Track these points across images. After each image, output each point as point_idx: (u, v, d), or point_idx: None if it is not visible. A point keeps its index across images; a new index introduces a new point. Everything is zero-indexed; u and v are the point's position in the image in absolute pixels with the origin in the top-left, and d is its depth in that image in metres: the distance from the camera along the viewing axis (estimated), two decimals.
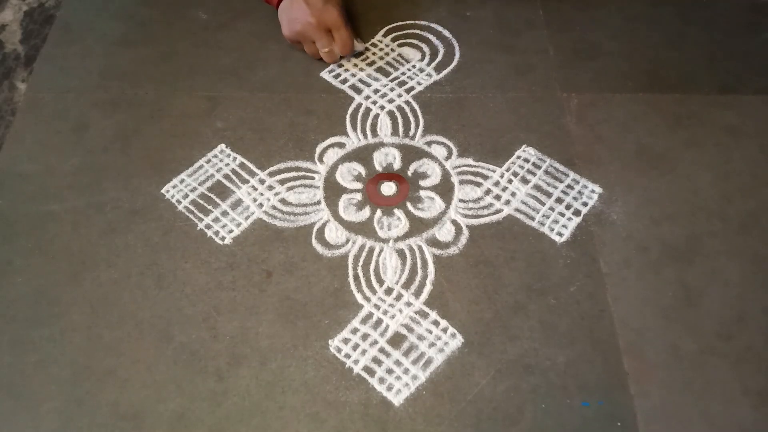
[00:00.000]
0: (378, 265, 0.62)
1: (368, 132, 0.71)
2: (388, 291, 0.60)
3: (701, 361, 0.56)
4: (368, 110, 0.73)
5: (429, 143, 0.70)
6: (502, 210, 0.65)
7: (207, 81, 0.76)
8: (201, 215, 0.65)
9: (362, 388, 0.55)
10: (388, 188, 0.67)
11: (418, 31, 0.81)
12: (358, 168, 0.69)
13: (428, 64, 0.78)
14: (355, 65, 0.77)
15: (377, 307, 0.59)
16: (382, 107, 0.73)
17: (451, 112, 0.73)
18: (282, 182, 0.67)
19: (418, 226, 0.64)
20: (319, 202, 0.66)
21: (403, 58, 0.78)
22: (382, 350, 0.57)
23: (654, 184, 0.68)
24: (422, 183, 0.67)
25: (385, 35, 0.80)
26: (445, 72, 0.77)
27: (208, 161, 0.69)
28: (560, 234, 0.64)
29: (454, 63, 0.78)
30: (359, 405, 0.54)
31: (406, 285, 0.60)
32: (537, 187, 0.67)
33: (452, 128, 0.72)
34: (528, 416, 0.53)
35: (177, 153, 0.69)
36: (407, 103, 0.74)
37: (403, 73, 0.77)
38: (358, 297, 0.60)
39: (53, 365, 0.55)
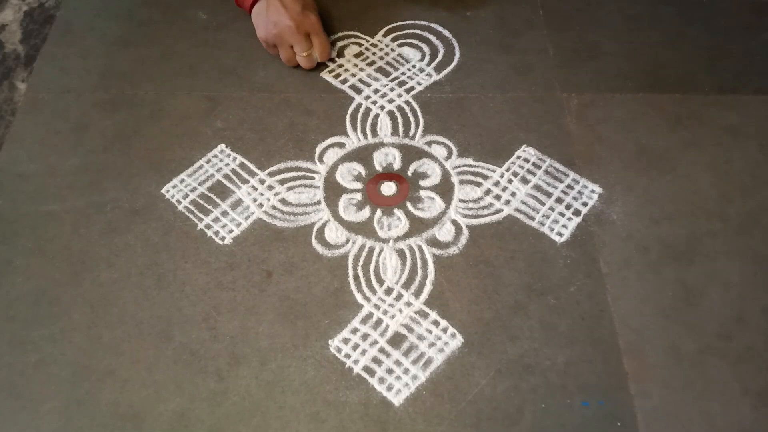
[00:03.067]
0: (378, 265, 0.62)
1: (368, 132, 0.71)
2: (388, 291, 0.60)
3: (701, 361, 0.56)
4: (368, 110, 0.73)
5: (429, 143, 0.70)
6: (502, 210, 0.65)
7: (207, 81, 0.76)
8: (201, 215, 0.65)
9: (362, 388, 0.55)
10: (388, 188, 0.67)
11: (418, 31, 0.81)
12: (358, 168, 0.69)
13: (428, 64, 0.78)
14: (355, 65, 0.77)
15: (377, 307, 0.59)
16: (382, 107, 0.73)
17: (451, 112, 0.73)
18: (282, 182, 0.67)
19: (418, 226, 0.64)
20: (319, 202, 0.66)
21: (403, 58, 0.78)
22: (382, 350, 0.57)
23: (654, 184, 0.68)
24: (422, 183, 0.67)
25: (385, 35, 0.80)
26: (445, 72, 0.77)
27: (208, 161, 0.69)
28: (560, 234, 0.64)
29: (454, 63, 0.78)
30: (359, 405, 0.54)
31: (406, 285, 0.60)
32: (537, 187, 0.67)
33: (452, 128, 0.72)
34: (528, 416, 0.53)
35: (177, 153, 0.69)
36: (407, 103, 0.74)
37: (403, 73, 0.77)
38: (358, 297, 0.60)
39: (53, 365, 0.55)
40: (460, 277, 0.61)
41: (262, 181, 0.67)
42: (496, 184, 0.67)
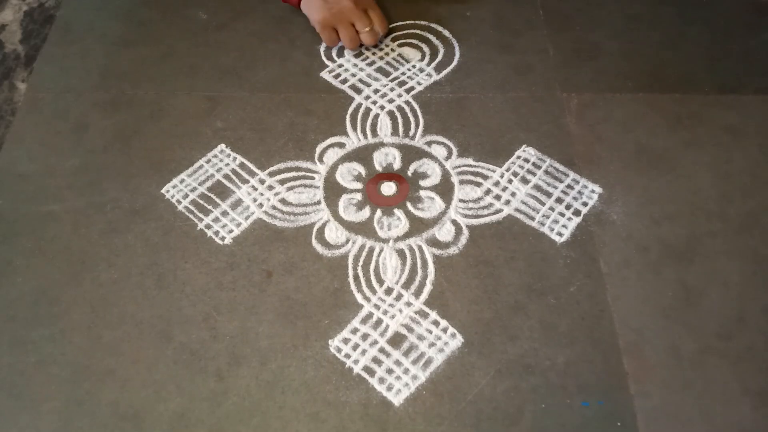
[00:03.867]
0: (378, 265, 0.62)
1: (368, 132, 0.71)
2: (388, 291, 0.60)
3: (701, 361, 0.56)
4: (368, 110, 0.73)
5: (429, 143, 0.70)
6: (502, 210, 0.65)
7: (207, 81, 0.76)
8: (201, 215, 0.65)
9: (362, 388, 0.55)
10: (388, 188, 0.67)
11: (418, 31, 0.81)
12: (358, 168, 0.69)
13: (428, 64, 0.78)
14: (355, 65, 0.77)
15: (377, 307, 0.59)
16: (382, 107, 0.73)
17: (451, 112, 0.73)
18: (282, 182, 0.67)
19: (418, 226, 0.64)
20: (319, 202, 0.66)
21: (403, 58, 0.78)
22: (382, 350, 0.57)
23: (654, 184, 0.68)
24: (422, 183, 0.67)
25: (385, 35, 0.80)
26: (445, 72, 0.77)
27: (208, 161, 0.69)
28: (560, 234, 0.64)
29: (454, 63, 0.78)
30: (359, 405, 0.54)
31: (406, 285, 0.61)
32: (537, 187, 0.67)
33: (452, 128, 0.72)
34: (528, 416, 0.53)
35: (177, 153, 0.69)
36: (407, 103, 0.74)
37: (403, 73, 0.77)
38: (358, 297, 0.60)
39: (53, 365, 0.55)
40: (460, 277, 0.61)
41: (262, 181, 0.67)
42: (496, 184, 0.67)
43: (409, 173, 0.68)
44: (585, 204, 0.66)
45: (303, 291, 0.60)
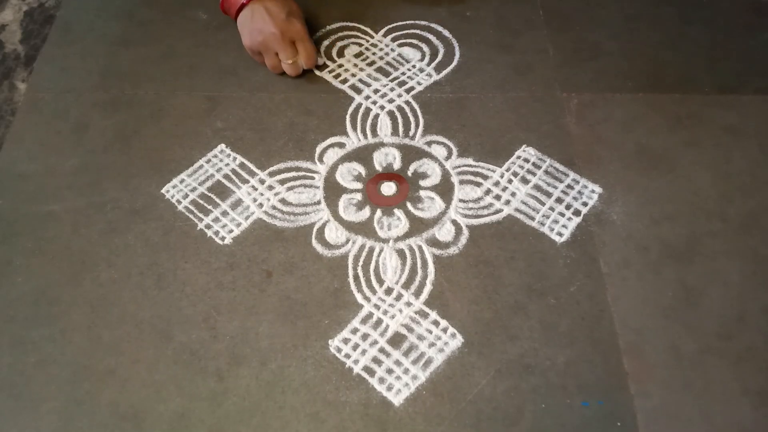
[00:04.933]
0: (378, 265, 0.62)
1: (368, 132, 0.71)
2: (388, 291, 0.60)
3: (701, 361, 0.56)
4: (368, 110, 0.73)
5: (429, 143, 0.70)
6: (502, 210, 0.65)
7: (207, 81, 0.76)
8: (201, 215, 0.65)
9: (362, 388, 0.55)
10: (388, 188, 0.67)
11: (418, 31, 0.81)
12: (358, 168, 0.69)
13: (428, 64, 0.78)
14: (355, 65, 0.77)
15: (377, 307, 0.59)
16: (382, 107, 0.73)
17: (451, 112, 0.73)
18: (282, 182, 0.67)
19: (418, 226, 0.64)
20: (319, 202, 0.66)
21: (403, 58, 0.78)
22: (382, 350, 0.57)
23: (654, 184, 0.68)
24: (422, 183, 0.67)
25: (385, 35, 0.80)
26: (445, 72, 0.77)
27: (208, 161, 0.69)
28: (560, 234, 0.64)
29: (454, 63, 0.78)
30: (359, 405, 0.54)
31: (406, 285, 0.60)
32: (537, 187, 0.67)
33: (452, 128, 0.72)
34: (528, 416, 0.53)
35: (177, 153, 0.69)
36: (407, 103, 0.74)
37: (403, 73, 0.77)
38: (358, 297, 0.60)
39: (53, 365, 0.55)
40: (460, 277, 0.61)
41: (262, 181, 0.67)
42: (496, 184, 0.67)
43: (409, 173, 0.68)
44: (585, 204, 0.66)
45: (303, 291, 0.60)
